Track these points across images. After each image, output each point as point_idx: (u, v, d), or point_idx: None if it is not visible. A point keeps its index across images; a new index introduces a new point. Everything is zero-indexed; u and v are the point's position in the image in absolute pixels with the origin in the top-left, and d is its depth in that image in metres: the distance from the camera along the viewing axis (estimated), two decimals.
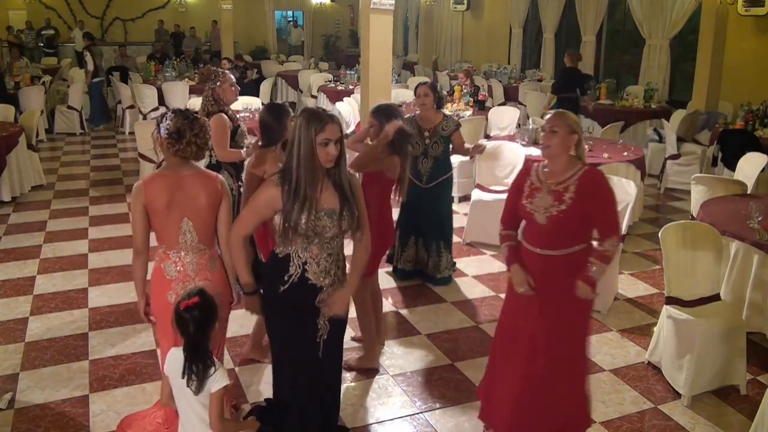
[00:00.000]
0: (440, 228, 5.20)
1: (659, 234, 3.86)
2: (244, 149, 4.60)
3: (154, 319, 3.11)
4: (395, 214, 4.21)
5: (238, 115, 5.10)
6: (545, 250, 2.97)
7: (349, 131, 8.51)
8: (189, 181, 2.95)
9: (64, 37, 17.50)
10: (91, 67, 11.51)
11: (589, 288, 2.91)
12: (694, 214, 5.25)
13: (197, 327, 2.50)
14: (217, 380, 2.52)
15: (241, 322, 4.32)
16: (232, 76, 4.78)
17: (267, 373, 3.81)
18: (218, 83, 4.60)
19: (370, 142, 3.96)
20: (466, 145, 5.20)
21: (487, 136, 8.27)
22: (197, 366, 2.51)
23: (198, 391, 2.52)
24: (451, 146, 5.08)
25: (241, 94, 9.40)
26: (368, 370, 3.96)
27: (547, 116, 3.08)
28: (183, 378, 2.53)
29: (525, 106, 11.28)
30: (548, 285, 2.98)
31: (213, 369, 2.53)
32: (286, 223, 2.65)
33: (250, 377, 3.87)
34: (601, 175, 3.01)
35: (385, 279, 5.32)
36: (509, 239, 3.17)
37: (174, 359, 2.61)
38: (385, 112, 3.93)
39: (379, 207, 3.79)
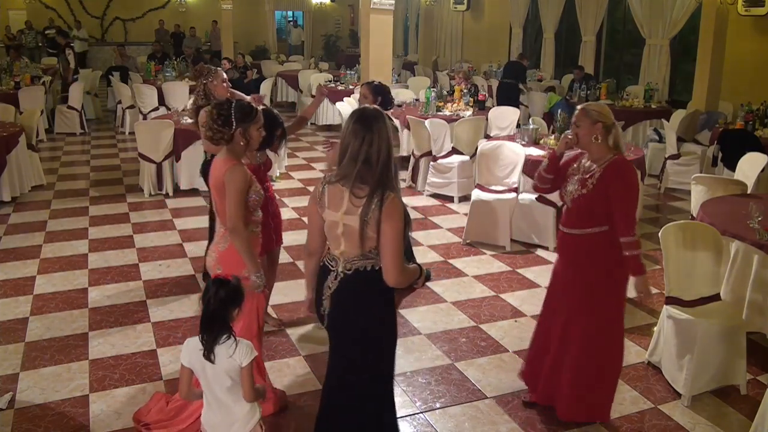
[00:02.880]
0: None
1: (659, 234, 3.86)
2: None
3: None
4: None
5: None
6: (571, 230, 3.31)
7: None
8: (215, 163, 3.25)
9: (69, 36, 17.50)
10: (73, 64, 11.72)
11: (638, 279, 3.17)
12: (694, 214, 5.24)
13: (218, 303, 2.56)
14: (246, 355, 2.58)
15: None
16: (224, 74, 4.88)
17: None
18: (210, 79, 4.72)
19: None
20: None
21: (487, 136, 8.27)
22: (209, 338, 2.56)
23: (213, 359, 2.55)
24: None
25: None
26: None
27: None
28: (204, 355, 2.56)
29: (527, 106, 11.30)
30: (576, 261, 3.32)
31: (230, 342, 2.57)
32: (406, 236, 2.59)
33: None
34: (626, 165, 3.23)
35: None
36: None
37: (192, 348, 2.63)
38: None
39: None
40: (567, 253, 3.41)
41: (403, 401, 3.66)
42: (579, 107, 3.35)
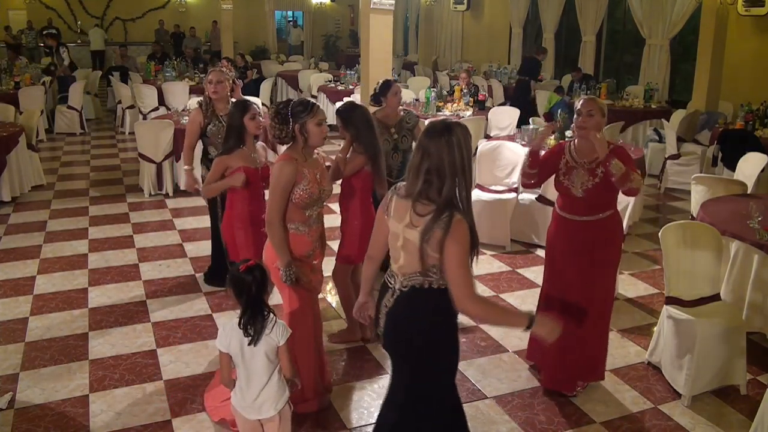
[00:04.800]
0: None
1: (659, 234, 3.85)
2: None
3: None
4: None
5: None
6: (583, 217, 3.53)
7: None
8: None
9: (66, 37, 17.51)
10: (67, 61, 11.93)
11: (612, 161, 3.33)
12: (694, 214, 5.24)
13: (259, 286, 2.67)
14: (284, 333, 2.71)
15: None
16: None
17: None
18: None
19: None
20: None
21: (487, 136, 8.27)
22: (257, 323, 2.67)
23: (257, 343, 2.67)
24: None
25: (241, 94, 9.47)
26: (354, 348, 4.18)
27: (581, 101, 3.54)
28: (247, 337, 2.67)
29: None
30: (585, 244, 3.53)
31: (273, 321, 2.71)
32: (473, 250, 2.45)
33: None
34: (625, 150, 3.54)
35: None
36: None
37: (229, 331, 2.72)
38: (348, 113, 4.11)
39: (360, 202, 4.09)
40: (573, 237, 3.59)
41: None
42: (587, 97, 3.61)
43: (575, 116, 3.53)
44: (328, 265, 4.15)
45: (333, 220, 5.74)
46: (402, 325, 2.54)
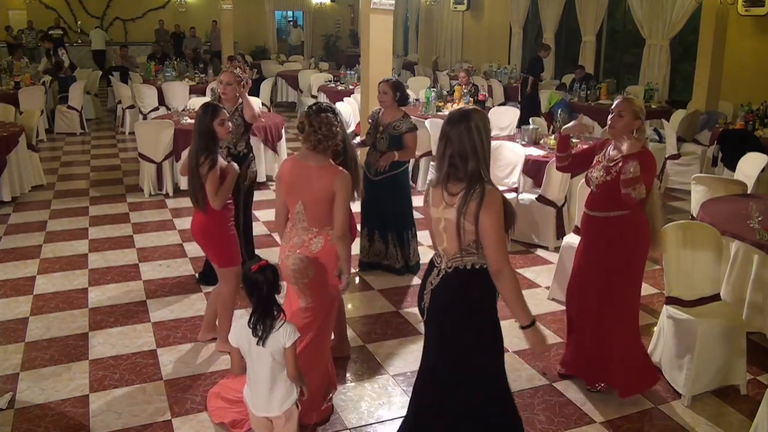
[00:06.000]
0: (400, 220, 5.37)
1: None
2: None
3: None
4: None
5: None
6: (595, 212, 3.59)
7: (349, 131, 8.50)
8: (311, 170, 3.25)
9: (66, 37, 17.51)
10: (67, 62, 12.00)
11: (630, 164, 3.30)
12: (694, 214, 5.24)
13: (270, 286, 2.69)
14: (290, 336, 2.71)
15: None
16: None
17: None
18: None
19: None
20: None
21: None
22: (266, 322, 2.70)
23: (265, 344, 2.69)
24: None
25: None
26: (344, 359, 4.07)
27: (616, 100, 3.54)
28: (255, 337, 2.70)
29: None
30: (602, 241, 3.57)
31: (281, 322, 2.72)
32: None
33: None
34: (651, 157, 3.44)
35: (383, 279, 5.33)
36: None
37: (240, 328, 2.76)
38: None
39: None
40: (591, 234, 3.68)
41: (403, 401, 3.66)
42: (623, 98, 3.57)
43: (609, 116, 3.54)
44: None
45: None
46: (445, 302, 2.66)
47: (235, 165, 4.00)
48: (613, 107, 3.52)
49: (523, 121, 8.11)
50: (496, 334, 2.72)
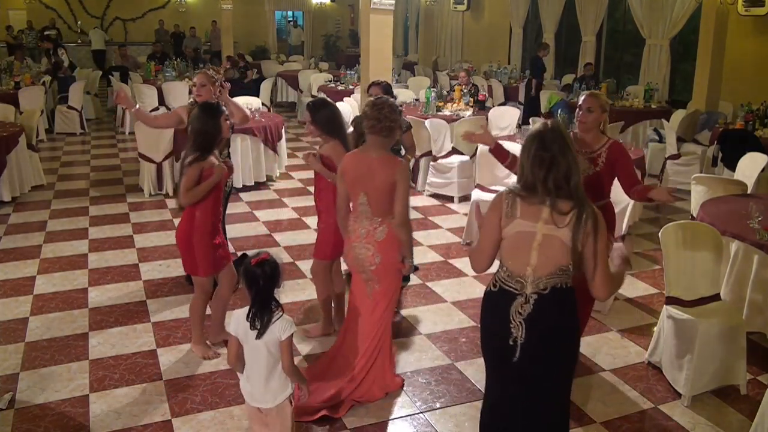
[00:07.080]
0: None
1: (659, 234, 3.86)
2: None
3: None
4: None
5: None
6: None
7: (349, 131, 8.50)
8: (373, 162, 3.40)
9: (67, 37, 17.52)
10: (66, 63, 12.05)
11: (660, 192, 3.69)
12: (694, 214, 5.24)
13: (267, 280, 2.68)
14: (286, 329, 2.70)
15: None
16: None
17: None
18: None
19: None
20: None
21: None
22: (263, 316, 2.69)
23: (261, 337, 2.68)
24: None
25: (241, 94, 9.48)
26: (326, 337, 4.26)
27: (583, 97, 3.74)
28: (252, 329, 2.69)
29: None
30: None
31: (278, 315, 2.70)
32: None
33: None
34: (623, 146, 3.79)
35: None
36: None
37: (237, 317, 2.76)
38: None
39: (335, 198, 3.88)
40: None
41: (403, 401, 3.66)
42: (589, 93, 3.77)
43: (576, 111, 3.75)
44: (308, 264, 4.27)
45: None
46: (549, 329, 2.48)
47: (224, 166, 3.90)
48: (581, 104, 3.71)
49: (524, 122, 8.10)
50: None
